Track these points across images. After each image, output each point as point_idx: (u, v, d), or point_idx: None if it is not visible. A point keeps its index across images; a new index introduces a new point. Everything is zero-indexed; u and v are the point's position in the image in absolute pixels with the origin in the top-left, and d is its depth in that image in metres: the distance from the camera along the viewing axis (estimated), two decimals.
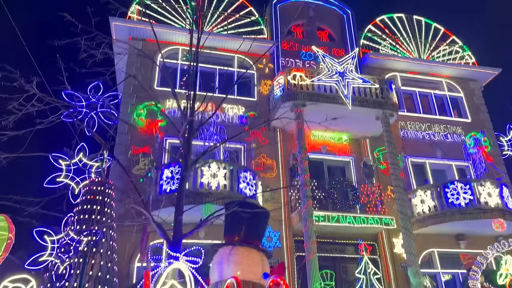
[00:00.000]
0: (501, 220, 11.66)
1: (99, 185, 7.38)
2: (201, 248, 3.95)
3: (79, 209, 7.16)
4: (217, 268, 3.75)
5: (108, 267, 5.87)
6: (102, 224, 6.42)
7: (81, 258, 5.74)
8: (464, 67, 16.36)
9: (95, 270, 5.64)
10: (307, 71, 13.16)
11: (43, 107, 5.77)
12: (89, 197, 7.17)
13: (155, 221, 5.07)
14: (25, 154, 5.52)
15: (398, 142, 14.27)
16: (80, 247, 5.95)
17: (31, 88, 5.51)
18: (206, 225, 5.13)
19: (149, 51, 14.35)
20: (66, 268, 7.36)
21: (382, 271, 12.28)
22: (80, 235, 6.16)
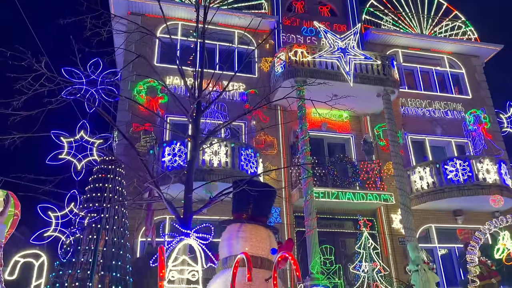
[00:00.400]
0: (498, 196, 11.85)
1: (110, 163, 7.42)
2: (211, 224, 4.05)
3: (91, 187, 7.23)
4: (226, 244, 3.86)
5: (121, 243, 5.99)
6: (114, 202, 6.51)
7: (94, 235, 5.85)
8: (466, 43, 16.21)
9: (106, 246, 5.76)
10: (309, 47, 13.04)
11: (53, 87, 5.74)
12: (100, 175, 7.22)
13: (166, 199, 5.16)
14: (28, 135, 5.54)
15: (398, 119, 14.32)
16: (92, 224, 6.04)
17: (40, 68, 5.47)
18: (216, 202, 5.25)
19: (149, 26, 14.17)
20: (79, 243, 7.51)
21: (380, 245, 12.56)
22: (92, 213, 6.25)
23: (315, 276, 9.84)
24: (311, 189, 11.26)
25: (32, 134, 5.46)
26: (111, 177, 6.87)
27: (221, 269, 3.75)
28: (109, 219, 6.07)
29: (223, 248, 3.88)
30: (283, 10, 15.45)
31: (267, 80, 14.22)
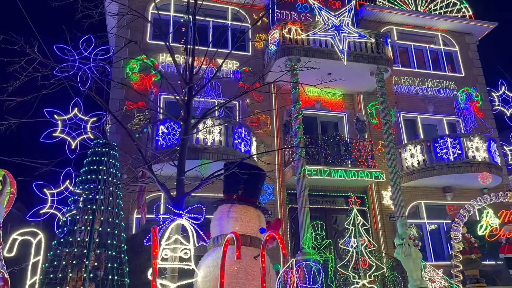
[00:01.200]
0: (486, 173, 12.13)
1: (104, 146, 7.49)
2: (203, 205, 4.22)
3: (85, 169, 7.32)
4: (217, 224, 4.02)
5: (115, 222, 6.14)
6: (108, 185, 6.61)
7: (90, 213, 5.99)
8: (460, 21, 16.14)
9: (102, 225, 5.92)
10: (303, 24, 12.95)
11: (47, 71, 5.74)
12: (95, 158, 7.30)
13: (159, 181, 5.28)
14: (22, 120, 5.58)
15: (391, 97, 14.41)
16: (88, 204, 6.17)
17: (32, 52, 5.45)
18: (207, 184, 5.38)
19: (140, 2, 13.99)
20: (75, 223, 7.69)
21: (371, 221, 12.92)
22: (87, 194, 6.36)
23: (306, 251, 10.15)
24: (303, 167, 11.44)
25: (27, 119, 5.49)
26: (105, 159, 6.94)
27: (213, 247, 3.91)
28: (104, 200, 6.18)
29: (215, 228, 4.03)
30: None
31: (261, 58, 14.17)
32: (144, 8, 13.82)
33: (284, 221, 12.27)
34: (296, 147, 11.46)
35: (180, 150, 5.52)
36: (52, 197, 11.38)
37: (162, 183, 5.29)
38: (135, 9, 14.03)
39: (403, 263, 7.24)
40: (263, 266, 3.36)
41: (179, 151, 5.54)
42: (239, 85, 13.63)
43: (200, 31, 14.42)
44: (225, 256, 3.31)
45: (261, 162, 12.56)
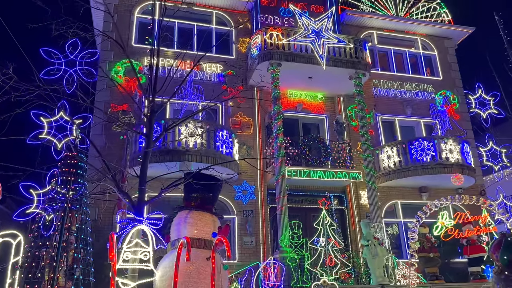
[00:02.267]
0: (459, 174, 12.64)
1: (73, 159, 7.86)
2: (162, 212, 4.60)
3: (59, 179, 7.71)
4: (176, 228, 4.41)
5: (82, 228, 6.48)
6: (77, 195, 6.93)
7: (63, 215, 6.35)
8: (439, 25, 16.63)
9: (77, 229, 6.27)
10: (284, 29, 13.33)
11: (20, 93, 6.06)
12: (65, 169, 7.69)
13: (121, 190, 5.63)
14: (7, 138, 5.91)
15: (370, 100, 14.89)
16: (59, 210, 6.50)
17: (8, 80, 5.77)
18: (167, 192, 5.75)
19: (126, 6, 14.29)
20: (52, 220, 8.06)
21: (349, 220, 13.41)
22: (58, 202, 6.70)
23: (283, 249, 10.58)
24: (283, 169, 11.86)
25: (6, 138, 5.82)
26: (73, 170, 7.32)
27: (170, 250, 4.31)
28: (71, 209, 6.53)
29: (173, 232, 4.43)
30: None
31: (245, 61, 14.54)
32: (130, 12, 14.13)
33: (265, 220, 12.71)
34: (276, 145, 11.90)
35: (142, 162, 5.88)
36: (38, 197, 11.73)
37: (125, 192, 5.65)
38: (121, 12, 14.39)
39: (369, 262, 7.69)
40: (213, 266, 3.78)
41: (141, 162, 5.89)
42: (222, 88, 14.01)
43: (185, 33, 14.84)
44: (179, 258, 3.71)
45: (243, 163, 13.02)
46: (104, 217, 10.92)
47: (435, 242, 9.01)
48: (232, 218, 12.51)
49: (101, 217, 10.42)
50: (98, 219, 10.48)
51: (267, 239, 12.45)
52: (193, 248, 3.92)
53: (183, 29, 14.62)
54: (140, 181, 5.41)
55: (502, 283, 4.49)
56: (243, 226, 12.36)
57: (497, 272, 4.70)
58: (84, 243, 6.29)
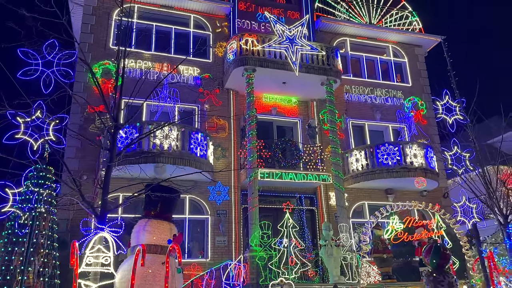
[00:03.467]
0: (421, 178, 13.36)
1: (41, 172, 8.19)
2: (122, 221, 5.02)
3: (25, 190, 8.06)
4: (135, 235, 4.82)
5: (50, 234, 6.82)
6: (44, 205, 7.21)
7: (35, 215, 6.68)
8: (410, 34, 17.35)
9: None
10: (259, 36, 13.77)
11: None
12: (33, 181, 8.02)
13: (85, 200, 5.99)
14: None
15: (342, 105, 15.50)
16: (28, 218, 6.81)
17: None
18: (131, 200, 6.16)
19: (105, 8, 14.47)
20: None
21: (319, 219, 14.00)
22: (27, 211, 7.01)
23: (253, 248, 11.09)
24: (255, 171, 12.34)
25: None
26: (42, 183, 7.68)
27: (130, 255, 4.73)
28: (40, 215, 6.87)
29: (133, 239, 4.85)
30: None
31: (222, 64, 14.92)
32: (108, 14, 14.32)
33: (237, 220, 13.19)
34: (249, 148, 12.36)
35: (106, 174, 6.25)
36: (14, 196, 11.93)
37: (89, 202, 6.03)
38: (100, 14, 14.57)
39: (325, 261, 8.26)
40: (167, 270, 4.21)
41: (105, 174, 6.27)
42: (199, 91, 14.41)
43: (163, 36, 15.12)
44: (136, 262, 4.13)
45: (218, 165, 13.46)
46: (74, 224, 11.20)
47: (388, 244, 9.66)
48: (206, 218, 12.96)
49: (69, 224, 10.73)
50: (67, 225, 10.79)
51: (239, 238, 12.94)
52: (150, 253, 4.35)
53: (161, 32, 14.89)
54: (103, 192, 5.80)
55: (431, 283, 5.07)
56: (216, 226, 12.82)
57: (427, 274, 5.29)
58: (51, 247, 6.63)
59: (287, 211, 9.84)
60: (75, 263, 4.20)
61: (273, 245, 9.69)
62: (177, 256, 4.34)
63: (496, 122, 25.38)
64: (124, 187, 7.96)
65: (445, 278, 4.91)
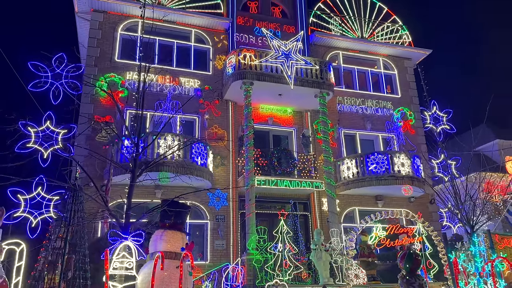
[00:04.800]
0: (408, 186, 14.24)
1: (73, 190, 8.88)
2: (143, 231, 5.82)
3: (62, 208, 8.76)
4: (153, 243, 5.62)
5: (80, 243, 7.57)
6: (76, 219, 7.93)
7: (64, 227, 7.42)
8: (399, 47, 18.27)
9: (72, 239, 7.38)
10: (256, 51, 14.61)
11: None
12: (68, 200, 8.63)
13: (112, 214, 6.77)
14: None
15: (335, 115, 16.37)
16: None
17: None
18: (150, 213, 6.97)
19: (110, 23, 15.26)
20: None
21: (312, 224, 14.85)
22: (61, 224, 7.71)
23: (250, 252, 11.91)
24: (253, 179, 13.17)
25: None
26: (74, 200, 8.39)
27: (149, 260, 5.52)
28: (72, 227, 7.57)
29: (151, 246, 5.64)
30: (238, 10, 16.80)
31: (221, 76, 15.72)
32: (114, 28, 15.10)
33: (235, 225, 14.01)
34: (247, 157, 13.18)
35: (129, 191, 7.03)
36: (25, 202, 12.70)
37: (114, 214, 6.82)
38: (106, 29, 15.39)
39: (316, 264, 9.09)
40: (181, 273, 5.00)
41: (128, 192, 7.06)
42: (199, 102, 15.22)
43: (165, 50, 15.91)
44: (155, 267, 4.92)
45: (217, 172, 14.29)
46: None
47: (374, 249, 10.51)
48: (205, 222, 13.77)
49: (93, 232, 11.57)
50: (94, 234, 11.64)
51: (237, 242, 13.75)
52: (166, 259, 5.13)
53: (164, 46, 15.69)
54: (126, 207, 6.58)
55: (404, 285, 5.88)
56: (215, 230, 13.63)
57: (401, 277, 6.11)
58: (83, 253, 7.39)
59: (281, 218, 10.67)
60: (108, 267, 5.00)
61: (269, 249, 10.50)
62: (190, 261, 5.14)
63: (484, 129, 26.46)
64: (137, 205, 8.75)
65: (416, 280, 5.74)
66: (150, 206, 12.25)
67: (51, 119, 13.81)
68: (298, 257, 10.61)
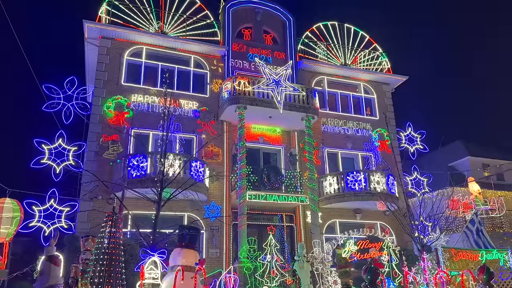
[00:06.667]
0: (382, 202, 16.00)
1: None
2: (166, 250, 7.33)
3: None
4: (173, 258, 7.13)
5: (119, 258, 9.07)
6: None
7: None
8: (379, 74, 20.13)
9: None
10: (250, 79, 16.25)
11: None
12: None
13: (142, 236, 8.29)
14: None
15: (319, 135, 18.09)
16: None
17: None
18: (170, 238, 8.52)
19: (117, 49, 16.72)
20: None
21: (297, 235, 16.51)
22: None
23: (242, 260, 13.50)
24: (244, 194, 14.77)
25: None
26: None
27: (170, 272, 7.05)
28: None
29: (172, 261, 7.16)
30: (233, 37, 18.42)
31: (217, 99, 17.30)
32: (120, 54, 16.56)
33: (228, 235, 15.57)
34: (240, 175, 14.77)
35: (155, 219, 8.57)
36: (39, 212, 14.07)
37: (144, 237, 8.32)
38: (113, 54, 16.88)
39: (299, 273, 10.73)
40: (195, 282, 6.54)
41: (154, 220, 8.58)
42: (197, 122, 16.77)
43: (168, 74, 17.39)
44: (176, 277, 6.45)
45: (212, 187, 15.84)
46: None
47: (349, 259, 12.19)
48: (201, 233, 15.29)
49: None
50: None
51: (229, 250, 15.32)
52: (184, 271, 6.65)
53: (165, 70, 17.19)
54: (153, 229, 8.07)
55: None
56: (210, 240, 15.18)
57: (364, 286, 7.72)
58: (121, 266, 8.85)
59: (270, 233, 12.31)
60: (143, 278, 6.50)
61: (259, 260, 12.12)
62: (203, 274, 6.66)
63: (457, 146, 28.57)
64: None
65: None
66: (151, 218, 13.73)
67: (63, 137, 15.30)
68: (284, 265, 12.24)
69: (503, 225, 21.55)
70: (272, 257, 11.58)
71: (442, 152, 28.31)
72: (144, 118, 15.97)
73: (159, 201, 8.98)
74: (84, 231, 13.96)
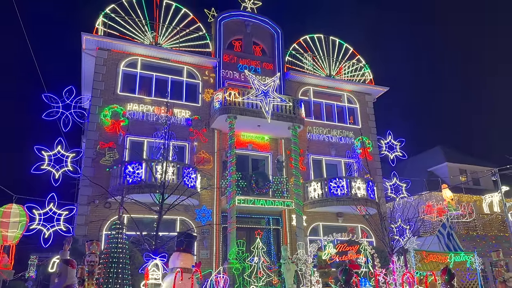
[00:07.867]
0: (362, 206, 17.13)
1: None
2: (166, 254, 8.23)
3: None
4: (172, 262, 8.05)
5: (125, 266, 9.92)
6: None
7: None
8: (361, 85, 21.30)
9: None
10: (240, 90, 17.22)
11: None
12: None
13: (146, 242, 9.20)
14: None
15: (305, 143, 19.16)
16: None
17: None
18: (169, 243, 9.40)
19: (114, 60, 17.51)
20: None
21: (283, 237, 17.55)
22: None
23: (231, 261, 14.47)
24: (234, 199, 15.75)
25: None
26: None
27: (170, 273, 7.98)
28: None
29: (171, 263, 8.07)
30: (224, 48, 19.36)
31: (208, 108, 18.22)
32: (116, 64, 17.35)
33: (218, 237, 16.52)
34: (230, 181, 15.74)
35: (157, 228, 9.48)
36: (40, 216, 14.83)
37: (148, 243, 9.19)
38: (110, 65, 17.69)
39: (284, 274, 11.76)
40: (192, 282, 7.49)
41: (155, 229, 9.49)
42: (189, 130, 17.67)
43: (161, 84, 18.27)
44: (176, 277, 7.38)
45: (204, 192, 16.75)
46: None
47: (328, 261, 13.28)
48: (197, 239, 16.21)
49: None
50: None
51: (219, 252, 16.28)
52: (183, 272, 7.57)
53: (160, 80, 18.07)
54: (155, 236, 8.96)
55: None
56: (201, 242, 16.11)
57: (339, 286, 8.74)
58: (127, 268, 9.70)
59: (258, 237, 13.31)
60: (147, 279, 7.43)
61: (247, 261, 13.12)
62: (199, 275, 7.60)
63: (436, 152, 29.98)
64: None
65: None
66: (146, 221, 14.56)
67: (62, 144, 16.08)
68: (270, 266, 13.27)
69: (477, 228, 22.93)
70: (259, 259, 12.58)
71: (422, 157, 29.75)
72: (139, 126, 16.81)
73: (160, 210, 9.89)
74: (82, 234, 14.81)
